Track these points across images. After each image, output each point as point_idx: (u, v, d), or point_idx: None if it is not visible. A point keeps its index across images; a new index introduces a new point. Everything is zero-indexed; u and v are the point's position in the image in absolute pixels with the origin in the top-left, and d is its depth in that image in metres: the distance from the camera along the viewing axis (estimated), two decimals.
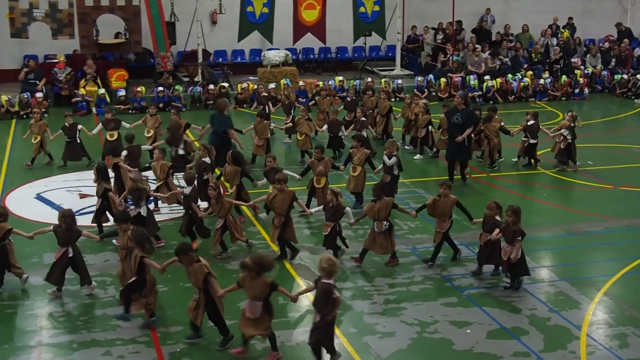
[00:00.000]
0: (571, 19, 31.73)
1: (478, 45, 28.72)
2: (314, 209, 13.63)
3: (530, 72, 27.60)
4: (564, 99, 26.80)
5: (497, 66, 28.10)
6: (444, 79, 26.71)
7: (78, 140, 18.31)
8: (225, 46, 29.62)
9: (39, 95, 23.74)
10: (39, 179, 17.57)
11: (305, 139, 18.68)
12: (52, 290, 11.72)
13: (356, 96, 22.79)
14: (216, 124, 17.14)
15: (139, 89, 24.26)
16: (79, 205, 15.27)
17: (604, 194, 16.91)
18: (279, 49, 27.66)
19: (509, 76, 27.07)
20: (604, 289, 12.04)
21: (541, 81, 27.12)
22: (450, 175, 16.90)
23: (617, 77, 28.11)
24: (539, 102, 26.41)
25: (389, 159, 15.27)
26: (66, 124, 18.38)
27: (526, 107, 23.27)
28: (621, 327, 10.88)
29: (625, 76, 28.07)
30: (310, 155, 16.85)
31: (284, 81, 25.34)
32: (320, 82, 25.53)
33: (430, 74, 27.24)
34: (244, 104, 24.65)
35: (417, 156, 19.35)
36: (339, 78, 26.05)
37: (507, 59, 28.69)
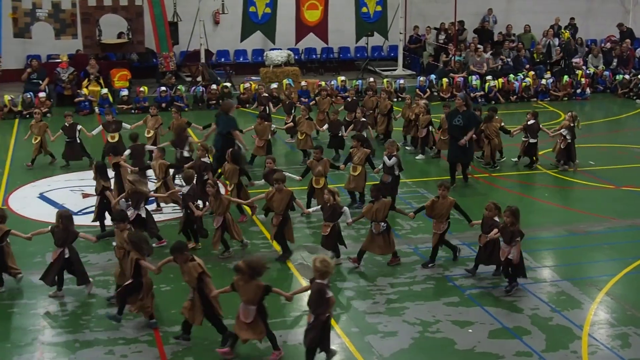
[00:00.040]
0: (573, 19, 31.71)
1: (480, 46, 28.68)
2: (311, 209, 13.62)
3: (532, 73, 27.61)
4: (566, 99, 26.80)
5: (499, 66, 28.10)
6: (446, 79, 26.74)
7: (78, 141, 18.30)
8: (228, 46, 29.65)
9: (42, 95, 23.81)
10: (42, 178, 17.57)
11: (306, 138, 18.67)
12: (53, 291, 11.71)
13: (356, 96, 22.81)
14: (221, 125, 17.09)
15: (141, 89, 24.27)
16: (82, 204, 15.28)
17: (605, 194, 16.90)
18: (281, 49, 27.65)
19: (510, 76, 27.07)
20: (606, 288, 12.02)
21: (543, 81, 27.13)
22: (452, 176, 16.90)
23: (618, 77, 28.09)
24: (540, 102, 26.40)
25: (389, 159, 15.21)
26: (66, 123, 18.38)
27: (528, 107, 23.23)
28: (623, 327, 10.86)
29: (627, 76, 28.06)
30: (310, 156, 16.81)
31: (286, 81, 25.32)
32: (323, 82, 25.59)
33: (432, 74, 27.24)
34: (246, 103, 24.69)
35: (419, 156, 19.34)
36: (341, 78, 26.06)
37: (509, 59, 28.70)
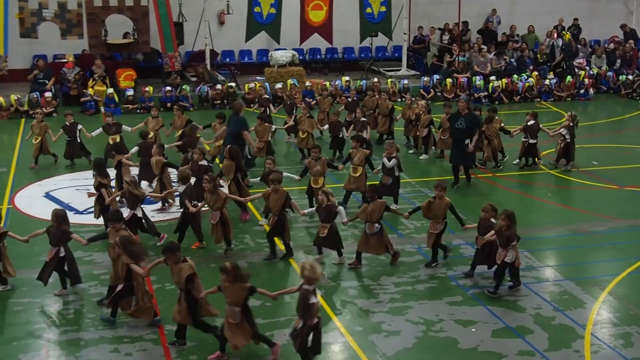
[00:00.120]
0: (577, 20, 31.69)
1: (484, 46, 28.65)
2: (306, 210, 13.50)
3: (536, 73, 27.62)
4: (569, 99, 26.81)
5: (502, 66, 28.13)
6: (449, 80, 26.76)
7: (78, 140, 18.33)
8: (233, 46, 29.63)
9: (48, 94, 23.89)
10: (47, 177, 17.63)
11: (308, 137, 18.56)
12: (58, 290, 11.73)
13: (357, 96, 22.77)
14: (232, 125, 17.09)
15: (147, 89, 24.32)
16: (87, 203, 15.30)
17: (608, 194, 16.90)
18: (286, 49, 27.64)
19: (514, 77, 27.09)
20: (609, 288, 12.03)
21: (546, 82, 27.15)
22: (455, 177, 16.92)
23: (622, 77, 28.08)
24: (544, 103, 26.39)
25: (389, 160, 15.11)
26: (67, 123, 18.41)
27: (531, 108, 23.19)
28: (625, 326, 10.89)
29: (631, 77, 28.08)
30: (310, 154, 16.68)
31: (290, 81, 25.37)
32: (327, 82, 25.62)
33: (435, 74, 27.22)
34: (251, 103, 24.69)
35: (422, 156, 19.32)
36: (345, 78, 26.06)
37: (513, 60, 28.70)
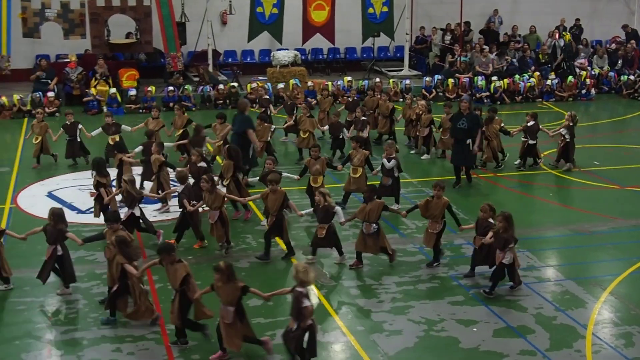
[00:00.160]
0: (578, 20, 31.70)
1: (486, 46, 28.69)
2: (304, 211, 13.41)
3: (537, 73, 27.65)
4: (571, 99, 26.84)
5: (504, 66, 28.16)
6: (451, 80, 26.79)
7: (78, 139, 18.35)
8: (235, 46, 29.70)
9: (51, 94, 23.96)
10: (50, 177, 17.66)
11: (309, 136, 18.47)
12: (61, 289, 11.76)
13: (359, 96, 22.78)
14: (237, 124, 17.09)
15: (149, 89, 24.37)
16: (90, 203, 15.33)
17: (610, 194, 16.92)
18: (288, 49, 27.65)
19: (516, 77, 27.12)
20: (610, 288, 12.05)
21: (548, 82, 27.18)
22: (457, 177, 16.92)
23: (623, 78, 28.14)
24: (546, 103, 26.42)
25: (388, 161, 15.05)
26: (67, 122, 18.44)
27: (533, 108, 23.24)
28: (627, 326, 10.90)
29: (632, 77, 28.13)
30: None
31: (293, 81, 25.40)
32: (329, 83, 25.68)
33: (437, 75, 27.24)
34: (253, 103, 24.73)
35: (424, 156, 19.33)
36: (347, 78, 26.11)
37: (514, 60, 28.72)
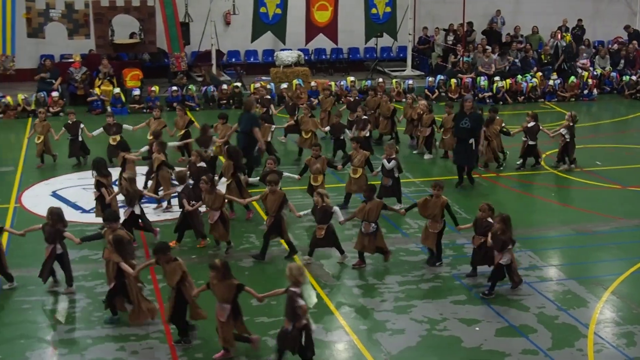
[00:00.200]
0: (580, 20, 31.73)
1: (488, 47, 28.70)
2: (302, 212, 13.32)
3: (540, 74, 27.68)
4: (573, 100, 26.88)
5: (506, 67, 28.21)
6: (454, 80, 26.86)
7: (80, 139, 18.38)
8: (239, 46, 29.71)
9: (55, 94, 24.03)
10: (54, 176, 17.71)
11: (312, 136, 18.44)
12: (65, 288, 11.79)
13: (362, 96, 22.82)
14: (243, 123, 17.09)
15: (153, 89, 24.43)
16: (94, 203, 15.38)
17: (612, 194, 16.95)
18: (291, 50, 27.69)
19: (518, 77, 27.16)
20: (612, 287, 12.08)
21: (550, 82, 27.22)
22: (459, 176, 16.95)
23: (625, 78, 28.19)
24: (548, 103, 26.46)
25: (388, 162, 15.04)
26: (69, 121, 18.48)
27: (535, 108, 23.25)
28: (629, 325, 10.93)
29: (634, 77, 28.16)
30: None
31: (296, 81, 25.44)
32: (333, 83, 25.75)
33: (440, 75, 27.29)
34: (256, 103, 24.78)
35: (426, 156, 19.36)
36: (350, 78, 26.16)
37: (517, 60, 28.77)
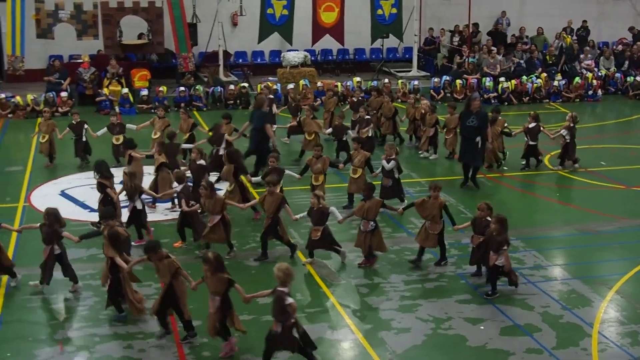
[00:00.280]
0: (585, 22, 31.80)
1: (493, 48, 28.79)
2: (299, 215, 13.10)
3: (544, 74, 27.74)
4: (578, 100, 26.93)
5: (511, 67, 28.29)
6: (459, 81, 26.93)
7: (84, 139, 18.42)
8: (246, 47, 29.85)
9: (64, 94, 24.15)
10: (63, 176, 17.79)
11: (315, 137, 18.41)
12: (72, 286, 11.84)
13: (367, 97, 22.93)
14: (255, 120, 17.12)
15: (161, 89, 24.44)
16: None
17: (616, 194, 16.99)
18: (298, 50, 27.69)
19: (523, 78, 27.22)
20: (616, 287, 12.11)
21: (555, 83, 27.28)
22: (465, 176, 16.97)
23: (630, 79, 28.20)
24: (553, 104, 26.48)
25: (388, 162, 15.07)
26: (73, 121, 18.53)
27: (540, 109, 23.26)
28: (633, 324, 10.96)
29: (638, 78, 28.15)
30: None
31: (302, 82, 25.55)
32: (339, 83, 25.88)
33: (445, 76, 27.35)
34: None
35: (432, 156, 19.40)
36: (356, 79, 26.25)
37: (522, 61, 28.82)
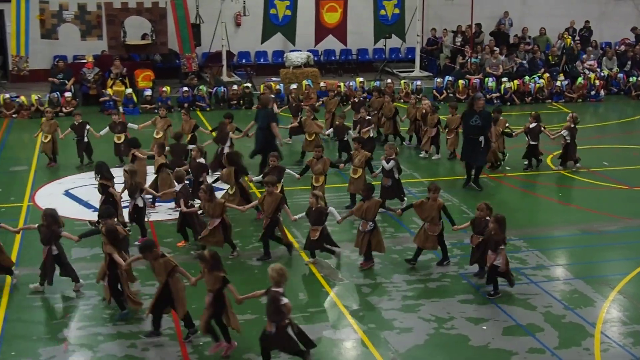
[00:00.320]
0: (588, 22, 31.77)
1: (496, 48, 28.77)
2: (297, 216, 13.07)
3: (547, 75, 27.73)
4: (580, 100, 26.90)
5: (513, 67, 28.28)
6: (462, 81, 26.94)
7: (85, 139, 18.37)
8: (249, 47, 29.86)
9: (68, 94, 24.16)
10: (67, 175, 17.81)
11: (315, 138, 18.36)
12: (75, 285, 11.83)
13: (370, 97, 22.94)
14: (261, 119, 17.09)
15: (164, 89, 24.50)
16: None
17: (618, 194, 16.98)
18: (301, 51, 27.73)
19: (526, 78, 27.22)
20: (619, 287, 12.11)
21: (557, 83, 27.28)
22: (468, 175, 16.96)
23: (632, 79, 28.16)
24: (555, 104, 26.45)
25: (387, 162, 15.05)
26: (75, 122, 18.46)
27: (543, 109, 23.27)
28: (635, 325, 10.97)
29: None
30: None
31: (305, 82, 25.54)
32: (342, 83, 25.91)
33: (448, 76, 27.34)
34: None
35: (435, 156, 19.38)
36: (359, 79, 26.26)
37: (524, 61, 28.82)
